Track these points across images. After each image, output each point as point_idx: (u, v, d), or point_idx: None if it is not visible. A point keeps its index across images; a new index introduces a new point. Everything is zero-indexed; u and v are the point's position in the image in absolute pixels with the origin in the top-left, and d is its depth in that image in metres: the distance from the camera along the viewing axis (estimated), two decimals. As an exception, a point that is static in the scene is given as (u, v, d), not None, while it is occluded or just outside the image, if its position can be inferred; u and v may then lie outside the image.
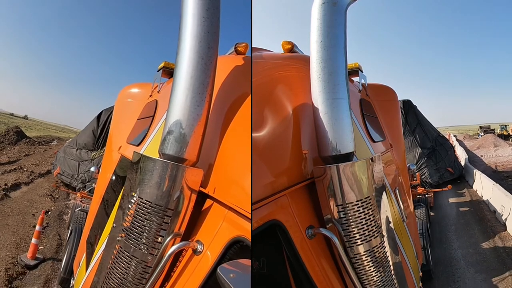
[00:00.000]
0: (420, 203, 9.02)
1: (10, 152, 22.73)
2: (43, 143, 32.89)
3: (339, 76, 1.95)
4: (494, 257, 8.34)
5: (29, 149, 25.55)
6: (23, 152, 23.28)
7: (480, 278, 7.36)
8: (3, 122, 50.32)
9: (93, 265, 2.69)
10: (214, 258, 1.64)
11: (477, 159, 23.15)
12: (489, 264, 7.97)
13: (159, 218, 1.73)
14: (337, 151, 1.89)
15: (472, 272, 7.62)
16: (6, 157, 19.56)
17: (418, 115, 16.50)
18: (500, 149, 27.88)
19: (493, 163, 21.43)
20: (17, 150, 24.26)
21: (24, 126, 44.82)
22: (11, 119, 67.83)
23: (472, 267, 7.84)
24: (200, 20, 1.84)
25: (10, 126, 36.63)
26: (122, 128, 3.61)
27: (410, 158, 15.00)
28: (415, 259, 3.27)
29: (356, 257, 1.86)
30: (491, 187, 12.09)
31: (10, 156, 20.59)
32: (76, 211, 7.78)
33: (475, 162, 20.79)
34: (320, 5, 2.02)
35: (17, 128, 33.89)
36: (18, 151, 23.71)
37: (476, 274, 7.54)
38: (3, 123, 46.36)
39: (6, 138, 28.95)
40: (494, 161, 22.14)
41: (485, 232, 9.86)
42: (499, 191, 11.34)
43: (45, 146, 30.00)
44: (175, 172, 1.74)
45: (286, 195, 1.77)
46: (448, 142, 17.84)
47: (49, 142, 34.39)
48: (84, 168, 14.42)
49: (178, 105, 1.84)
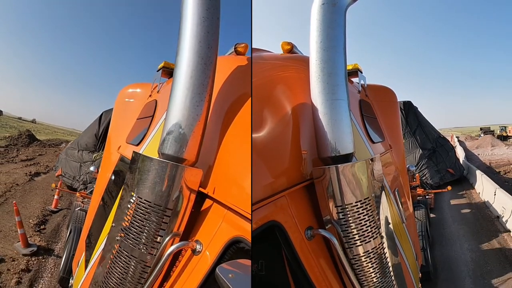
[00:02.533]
0: (420, 204, 9.02)
1: (25, 152, 26.53)
2: (53, 145, 36.13)
3: (338, 77, 1.95)
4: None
5: (41, 150, 28.94)
6: (37, 153, 26.72)
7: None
8: (13, 126, 55.00)
9: (92, 264, 2.69)
10: (213, 258, 1.64)
11: (474, 157, 25.84)
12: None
13: (158, 218, 1.73)
14: (337, 152, 1.89)
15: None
16: (24, 156, 24.18)
17: (419, 116, 16.50)
18: (497, 148, 30.88)
19: (488, 160, 24.02)
20: (31, 151, 27.65)
21: (33, 130, 46.94)
22: (20, 123, 69.20)
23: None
24: (200, 20, 1.84)
25: (21, 130, 40.71)
26: (121, 128, 3.61)
27: (411, 159, 15.00)
28: (414, 260, 3.26)
29: (355, 258, 1.86)
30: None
31: (27, 155, 24.77)
32: (76, 210, 7.78)
33: (472, 160, 23.09)
34: (319, 6, 2.02)
35: (28, 132, 37.54)
36: (32, 152, 27.16)
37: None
38: (14, 127, 51.47)
39: (19, 141, 32.55)
40: (489, 159, 24.88)
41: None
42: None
43: (55, 148, 32.90)
44: (175, 172, 1.74)
45: (285, 196, 1.77)
46: (449, 143, 17.86)
47: (58, 145, 37.01)
48: (86, 170, 14.46)
49: (177, 105, 1.84)
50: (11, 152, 25.45)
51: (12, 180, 14.67)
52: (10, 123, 60.35)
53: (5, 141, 31.32)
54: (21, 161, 21.32)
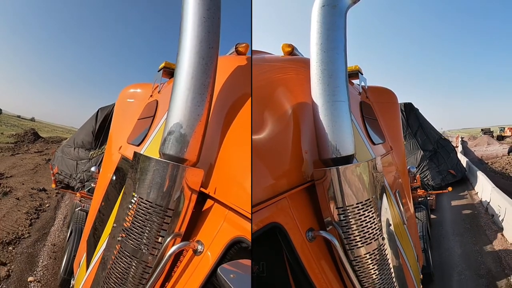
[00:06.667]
0: (420, 205, 9.00)
1: (34, 147, 30.34)
2: (55, 142, 38.71)
3: (339, 78, 1.95)
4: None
5: (47, 146, 32.56)
6: (44, 147, 30.62)
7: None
8: (14, 124, 59.55)
9: (93, 265, 2.70)
10: (214, 259, 1.64)
11: (469, 151, 32.56)
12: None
13: (159, 218, 1.73)
14: (337, 153, 1.89)
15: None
16: (34, 149, 28.58)
17: (419, 118, 16.47)
18: (491, 146, 37.04)
19: (481, 155, 30.15)
20: (38, 146, 31.54)
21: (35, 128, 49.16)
22: (20, 121, 70.12)
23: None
24: (201, 20, 1.84)
25: (25, 128, 44.71)
26: (122, 128, 3.62)
27: (412, 160, 14.97)
28: (415, 262, 3.26)
29: (357, 260, 1.85)
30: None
31: (37, 149, 29.10)
32: (76, 211, 7.77)
33: (467, 154, 28.87)
34: (320, 7, 2.02)
35: (33, 130, 40.85)
36: (39, 147, 30.89)
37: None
38: (15, 126, 56.06)
39: (25, 138, 36.01)
40: (482, 154, 30.91)
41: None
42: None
43: (57, 145, 35.56)
44: (176, 172, 1.74)
45: (286, 198, 1.77)
46: (450, 144, 17.84)
47: (59, 142, 39.45)
48: (82, 168, 14.34)
49: (178, 105, 1.84)
50: (22, 147, 29.39)
51: (35, 162, 20.61)
52: (11, 122, 63.15)
53: (13, 138, 35.53)
54: (35, 152, 26.33)
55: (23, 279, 6.53)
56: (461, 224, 11.03)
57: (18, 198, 11.87)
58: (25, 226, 9.35)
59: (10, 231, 8.60)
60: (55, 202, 12.34)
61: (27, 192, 12.83)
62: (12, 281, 6.38)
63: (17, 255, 7.55)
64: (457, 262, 8.33)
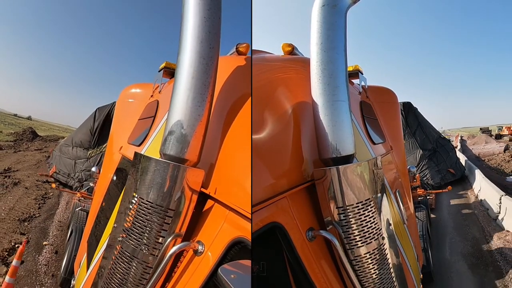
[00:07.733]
0: (420, 204, 9.01)
1: (33, 145, 31.53)
2: (53, 140, 39.65)
3: (339, 78, 1.95)
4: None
5: (45, 144, 33.59)
6: (42, 145, 31.61)
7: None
8: (11, 123, 60.29)
9: (94, 265, 2.70)
10: (215, 259, 1.64)
11: (467, 149, 34.18)
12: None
13: (160, 219, 1.73)
14: (337, 153, 1.89)
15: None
16: (34, 147, 29.87)
17: (419, 117, 16.48)
18: (488, 144, 38.70)
19: (478, 153, 31.48)
20: (37, 144, 32.69)
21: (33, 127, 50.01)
22: (17, 120, 70.68)
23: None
24: (202, 20, 1.84)
25: (23, 127, 45.52)
26: (123, 128, 3.62)
27: (411, 160, 14.98)
28: (415, 261, 3.26)
29: (357, 259, 1.86)
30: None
31: (36, 147, 30.38)
32: (77, 211, 7.78)
33: (465, 151, 30.44)
34: (320, 7, 2.02)
35: (31, 129, 41.87)
36: (38, 145, 32.10)
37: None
38: (12, 124, 57.04)
39: (24, 136, 36.95)
40: (479, 151, 32.38)
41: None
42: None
43: (55, 143, 35.98)
44: (176, 172, 1.74)
45: (287, 197, 1.77)
46: (449, 143, 17.85)
47: (56, 140, 39.83)
48: (81, 167, 14.34)
49: (179, 106, 1.84)
50: (21, 145, 30.68)
51: (37, 159, 22.17)
52: (8, 120, 64.01)
53: (12, 137, 36.70)
54: (35, 150, 27.91)
55: (39, 243, 8.82)
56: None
57: (27, 188, 13.66)
58: (35, 208, 11.49)
59: (24, 212, 10.82)
60: (58, 191, 13.64)
61: (33, 183, 14.57)
62: (31, 245, 8.59)
63: (32, 228, 9.81)
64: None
